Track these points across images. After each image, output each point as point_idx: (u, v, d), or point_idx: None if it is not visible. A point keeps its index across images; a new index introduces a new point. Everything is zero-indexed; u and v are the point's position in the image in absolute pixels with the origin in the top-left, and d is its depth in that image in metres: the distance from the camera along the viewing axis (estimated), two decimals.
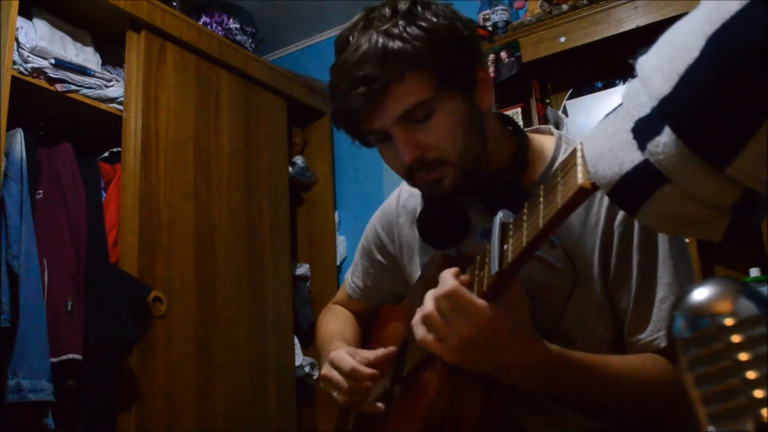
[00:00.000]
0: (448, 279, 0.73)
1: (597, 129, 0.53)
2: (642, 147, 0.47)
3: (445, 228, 0.95)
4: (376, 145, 0.92)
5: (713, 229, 0.48)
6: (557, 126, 2.20)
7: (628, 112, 0.48)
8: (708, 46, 0.43)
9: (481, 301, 0.71)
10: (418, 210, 1.05)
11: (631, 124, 0.48)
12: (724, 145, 0.43)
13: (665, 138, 0.45)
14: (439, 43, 0.82)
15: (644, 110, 0.47)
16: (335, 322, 1.20)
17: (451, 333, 0.72)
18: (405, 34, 0.81)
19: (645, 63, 0.48)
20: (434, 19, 0.83)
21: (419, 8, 0.84)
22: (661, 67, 0.46)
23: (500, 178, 0.88)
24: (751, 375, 0.33)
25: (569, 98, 2.33)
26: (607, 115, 0.53)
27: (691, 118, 0.44)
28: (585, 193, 0.54)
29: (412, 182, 0.91)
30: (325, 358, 1.03)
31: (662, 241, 0.85)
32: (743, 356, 0.34)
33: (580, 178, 0.53)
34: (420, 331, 0.77)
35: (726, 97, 0.42)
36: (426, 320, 0.75)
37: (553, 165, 0.92)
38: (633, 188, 0.48)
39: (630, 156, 0.48)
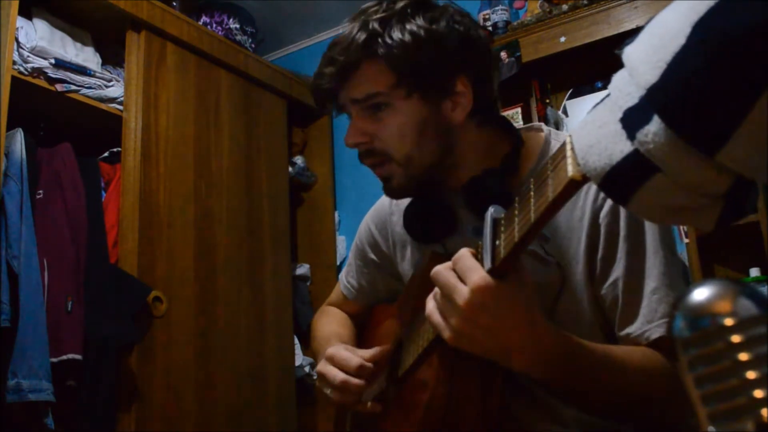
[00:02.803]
0: (460, 249, 0.71)
1: (585, 120, 0.53)
2: (631, 137, 0.47)
3: (430, 223, 0.96)
4: None
5: (705, 218, 0.48)
6: (557, 126, 2.21)
7: (616, 102, 0.48)
8: (694, 33, 0.43)
9: (483, 271, 0.67)
10: None
11: (620, 114, 0.48)
12: (713, 132, 0.43)
13: (654, 127, 0.45)
14: (409, 44, 0.85)
15: (632, 100, 0.47)
16: (331, 324, 1.20)
17: (453, 299, 0.68)
18: (375, 27, 0.86)
19: (631, 53, 0.48)
20: (420, 22, 0.86)
21: (412, 10, 0.87)
22: (648, 56, 0.46)
23: (485, 180, 0.88)
24: (751, 375, 0.33)
25: (569, 98, 2.33)
26: (595, 106, 0.52)
27: (679, 107, 0.44)
28: (575, 185, 0.54)
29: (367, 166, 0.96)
30: (321, 356, 1.03)
31: (650, 232, 0.85)
32: (743, 356, 0.34)
33: (570, 170, 0.53)
34: (430, 304, 0.74)
35: (713, 85, 0.42)
36: (434, 277, 0.72)
37: (541, 161, 0.92)
38: (623, 179, 0.48)
39: (619, 146, 0.48)
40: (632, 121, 0.47)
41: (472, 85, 0.90)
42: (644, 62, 0.46)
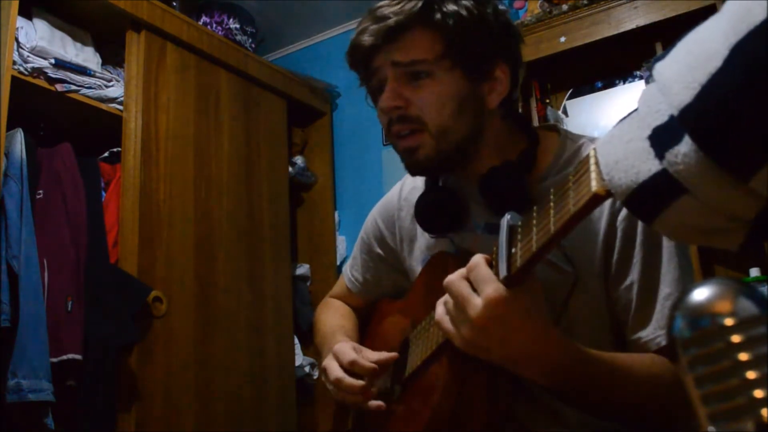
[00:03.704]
0: (475, 256, 0.71)
1: (611, 134, 0.51)
2: (660, 156, 0.46)
3: (441, 214, 0.95)
4: (377, 95, 0.95)
5: (731, 240, 0.47)
6: None
7: (644, 119, 0.47)
8: (732, 56, 0.41)
9: (495, 279, 0.67)
10: None
11: (648, 132, 0.47)
12: (748, 157, 0.42)
13: (685, 148, 0.44)
14: (461, 20, 0.87)
15: (662, 118, 0.46)
16: (335, 317, 1.20)
17: (465, 311, 0.69)
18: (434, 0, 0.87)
19: (663, 70, 0.47)
20: (469, 3, 0.88)
21: None
22: (682, 75, 0.45)
23: (503, 172, 0.88)
24: (751, 375, 0.33)
25: (569, 98, 2.33)
26: (621, 121, 0.51)
27: (713, 130, 0.42)
28: (598, 200, 0.53)
29: (391, 139, 0.94)
30: (326, 350, 1.03)
31: (666, 237, 0.85)
32: (743, 356, 0.34)
33: (594, 185, 0.52)
34: (440, 309, 0.75)
35: (750, 109, 0.41)
36: (449, 294, 0.72)
37: (557, 162, 0.93)
38: (650, 198, 0.47)
39: (647, 165, 0.47)
40: (661, 140, 0.46)
41: (509, 74, 0.92)
42: (677, 81, 0.45)
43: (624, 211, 0.85)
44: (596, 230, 0.87)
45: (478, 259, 0.70)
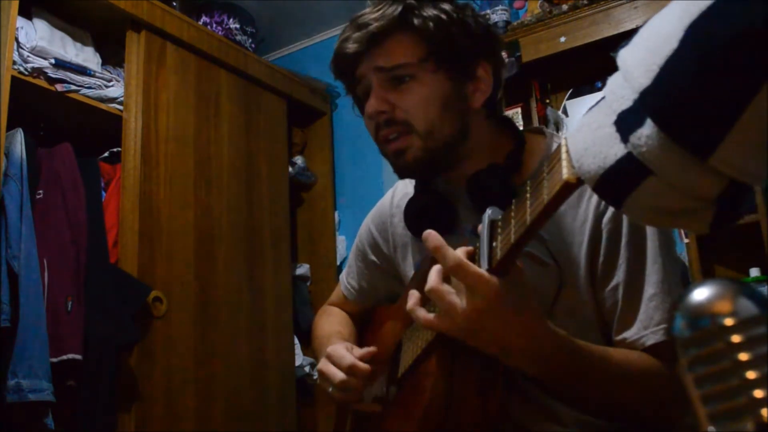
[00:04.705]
0: (452, 253, 0.69)
1: (581, 123, 0.53)
2: (625, 140, 0.47)
3: (430, 219, 0.96)
4: (364, 103, 0.96)
5: (699, 221, 0.48)
6: (557, 126, 2.21)
7: (610, 105, 0.49)
8: (686, 37, 0.43)
9: (487, 274, 0.67)
10: None
11: (614, 117, 0.48)
12: (706, 136, 0.43)
13: (647, 130, 0.45)
14: (442, 23, 0.89)
15: (626, 103, 0.47)
16: (332, 323, 1.20)
17: (457, 307, 0.69)
18: (410, 1, 0.89)
19: (626, 56, 0.48)
20: (449, 6, 0.90)
21: None
22: (642, 59, 0.46)
23: (490, 174, 0.89)
24: (751, 375, 0.33)
25: (569, 98, 2.33)
26: (590, 109, 0.53)
27: (672, 110, 0.44)
28: (570, 188, 0.54)
29: (379, 144, 0.95)
30: (321, 355, 1.04)
31: (651, 239, 0.85)
32: (743, 356, 0.34)
33: (565, 173, 0.53)
34: (420, 313, 0.74)
35: (705, 88, 0.42)
36: (431, 294, 0.71)
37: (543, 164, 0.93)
38: (617, 181, 0.48)
39: (613, 149, 0.48)
40: (626, 124, 0.47)
41: (491, 73, 0.93)
42: (638, 66, 0.46)
43: (609, 213, 0.86)
44: (582, 233, 0.87)
45: (462, 256, 0.70)
